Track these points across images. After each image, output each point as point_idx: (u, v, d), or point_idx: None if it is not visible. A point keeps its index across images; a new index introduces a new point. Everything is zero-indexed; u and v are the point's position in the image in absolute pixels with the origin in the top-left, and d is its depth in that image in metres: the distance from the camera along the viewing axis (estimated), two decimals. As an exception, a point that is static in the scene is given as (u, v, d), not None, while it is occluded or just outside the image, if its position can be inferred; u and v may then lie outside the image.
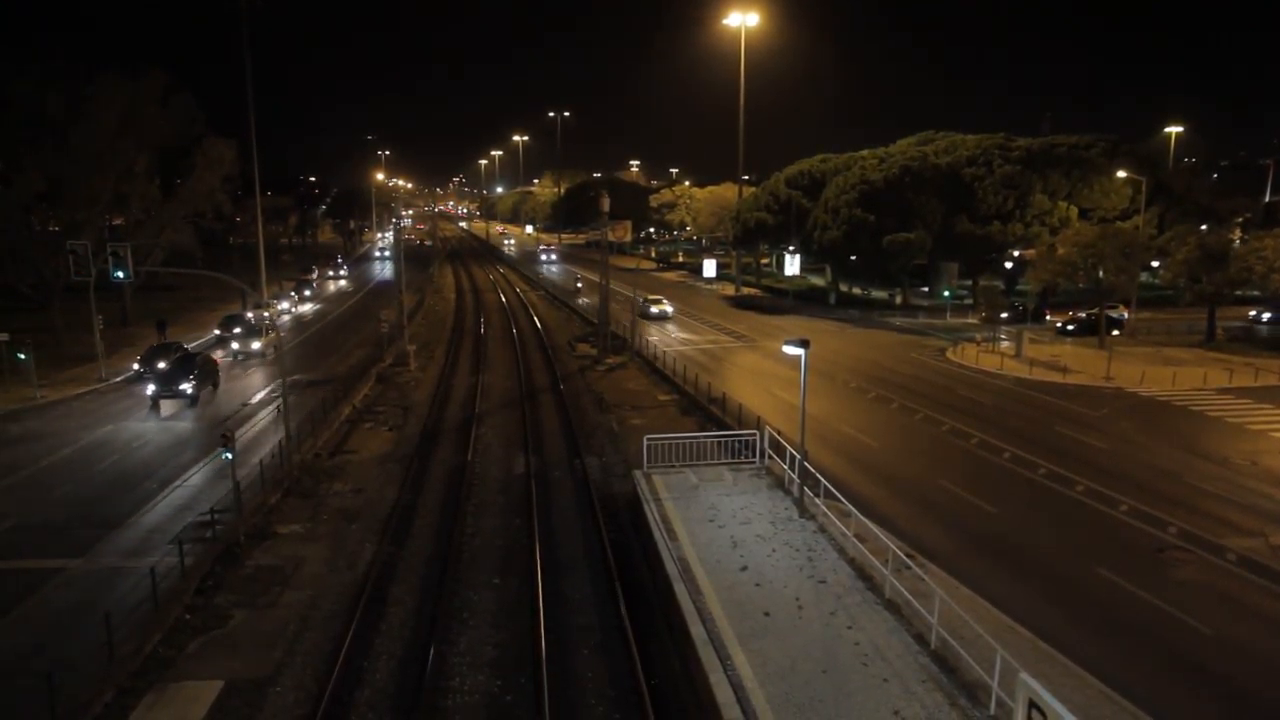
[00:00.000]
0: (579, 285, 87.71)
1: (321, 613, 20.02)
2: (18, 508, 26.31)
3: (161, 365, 41.41)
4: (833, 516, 21.89)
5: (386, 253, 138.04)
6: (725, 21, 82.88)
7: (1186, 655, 18.06)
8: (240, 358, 51.16)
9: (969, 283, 77.32)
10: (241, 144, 66.22)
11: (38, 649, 18.03)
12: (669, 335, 60.91)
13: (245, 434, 34.28)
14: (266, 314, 63.80)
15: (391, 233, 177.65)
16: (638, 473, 26.20)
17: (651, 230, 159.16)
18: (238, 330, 54.68)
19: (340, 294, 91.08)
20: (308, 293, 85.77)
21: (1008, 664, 13.65)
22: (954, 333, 61.56)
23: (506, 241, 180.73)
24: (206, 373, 41.81)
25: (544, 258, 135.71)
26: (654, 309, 69.67)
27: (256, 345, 51.82)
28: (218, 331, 57.57)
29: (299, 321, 70.77)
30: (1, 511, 25.94)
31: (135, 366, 45.50)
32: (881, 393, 42.41)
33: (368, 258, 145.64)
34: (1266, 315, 62.98)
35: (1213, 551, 23.11)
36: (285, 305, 76.31)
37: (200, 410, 38.80)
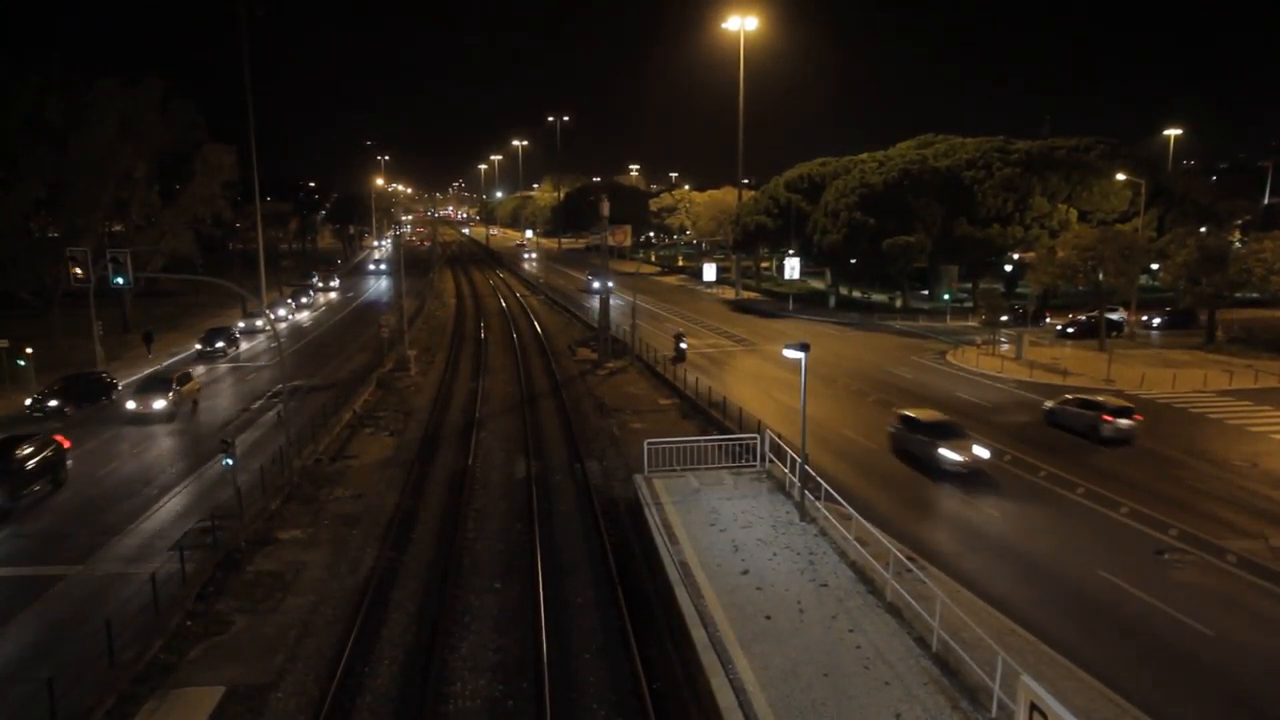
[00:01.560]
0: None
1: (323, 618, 20.01)
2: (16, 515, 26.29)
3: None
4: (834, 520, 21.89)
5: (382, 265, 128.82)
6: (724, 25, 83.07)
7: (1188, 657, 18.05)
8: (138, 420, 36.39)
9: (969, 285, 77.43)
10: (241, 149, 66.50)
11: (39, 655, 18.02)
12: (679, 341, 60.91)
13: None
14: (261, 322, 63.41)
15: (389, 240, 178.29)
16: (639, 477, 26.20)
17: (651, 234, 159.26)
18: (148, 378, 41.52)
19: (332, 306, 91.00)
20: (305, 300, 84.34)
21: (1009, 666, 13.65)
22: (954, 335, 61.57)
23: (527, 255, 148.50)
24: (37, 468, 26.90)
25: (595, 285, 67.48)
26: (950, 451, 28.68)
27: (160, 404, 36.82)
28: (199, 346, 53.63)
29: (296, 330, 70.76)
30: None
31: (26, 403, 37.14)
32: (882, 396, 42.40)
33: (362, 269, 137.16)
34: (1157, 320, 63.00)
35: (1213, 553, 23.10)
36: (282, 313, 74.89)
37: (13, 530, 24.72)
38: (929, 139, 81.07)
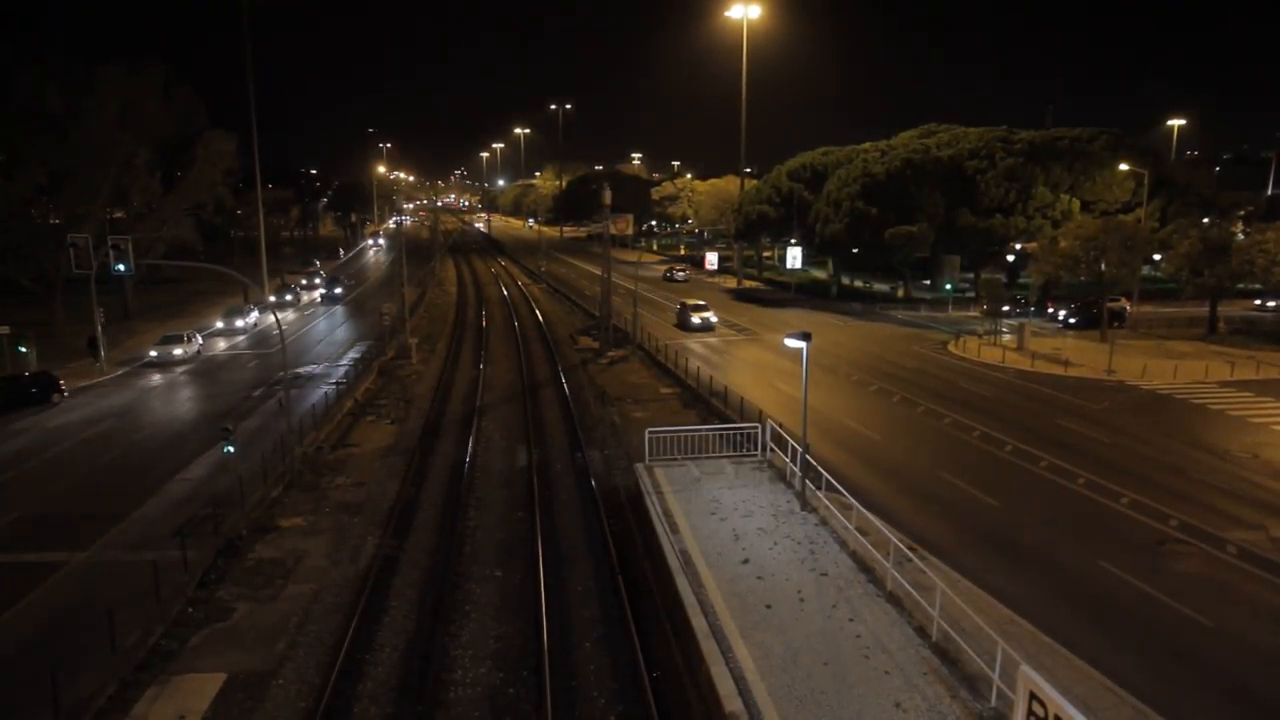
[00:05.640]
0: None
1: (324, 605, 20.06)
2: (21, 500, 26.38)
3: None
4: (834, 509, 21.90)
5: (350, 282, 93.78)
6: (728, 14, 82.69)
7: (1187, 647, 18.08)
8: None
9: (971, 276, 77.25)
10: (243, 136, 66.32)
11: (41, 642, 18.07)
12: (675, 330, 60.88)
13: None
14: (180, 351, 48.20)
15: (382, 240, 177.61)
16: (639, 466, 26.20)
17: (653, 223, 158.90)
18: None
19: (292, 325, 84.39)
20: (289, 297, 75.25)
21: (1008, 656, 13.68)
22: (956, 326, 61.50)
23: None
24: None
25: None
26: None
27: None
28: None
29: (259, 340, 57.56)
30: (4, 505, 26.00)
31: None
32: (883, 386, 42.39)
33: (336, 286, 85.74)
34: (1063, 313, 62.74)
35: (1214, 544, 23.11)
36: (253, 319, 62.23)
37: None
38: (932, 128, 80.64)
